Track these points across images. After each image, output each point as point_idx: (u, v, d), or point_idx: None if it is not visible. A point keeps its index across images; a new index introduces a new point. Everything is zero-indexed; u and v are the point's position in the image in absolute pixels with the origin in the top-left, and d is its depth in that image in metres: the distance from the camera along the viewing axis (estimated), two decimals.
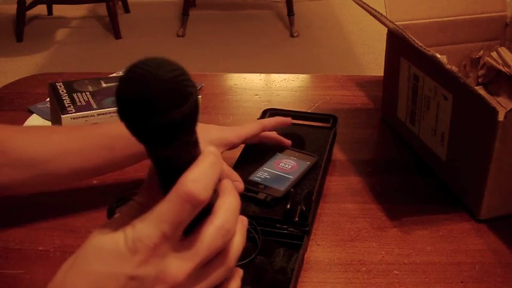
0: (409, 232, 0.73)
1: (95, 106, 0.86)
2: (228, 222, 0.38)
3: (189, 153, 0.37)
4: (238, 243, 0.40)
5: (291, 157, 0.80)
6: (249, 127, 0.80)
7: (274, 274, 0.63)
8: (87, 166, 0.70)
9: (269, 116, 0.91)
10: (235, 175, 0.73)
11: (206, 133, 0.76)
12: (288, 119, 0.85)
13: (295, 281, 0.63)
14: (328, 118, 0.89)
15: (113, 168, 0.73)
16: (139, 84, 0.34)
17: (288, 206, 0.69)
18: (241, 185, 0.72)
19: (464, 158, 0.77)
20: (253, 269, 0.64)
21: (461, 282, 0.65)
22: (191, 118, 0.35)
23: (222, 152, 0.77)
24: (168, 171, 0.37)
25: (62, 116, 0.84)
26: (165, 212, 0.35)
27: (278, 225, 0.68)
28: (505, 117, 0.67)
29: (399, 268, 0.67)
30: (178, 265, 0.36)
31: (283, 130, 0.86)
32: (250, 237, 0.67)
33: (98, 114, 0.85)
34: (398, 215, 0.76)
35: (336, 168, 0.86)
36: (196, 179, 0.35)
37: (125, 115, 0.34)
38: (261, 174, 0.77)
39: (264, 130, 0.81)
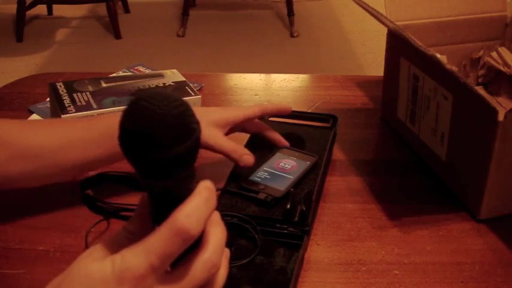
0: (409, 232, 0.73)
1: (94, 106, 0.86)
2: (214, 256, 0.38)
3: (186, 186, 0.37)
4: (222, 276, 0.40)
5: (291, 157, 0.80)
6: (249, 108, 0.81)
7: (274, 274, 0.63)
8: (90, 156, 0.70)
9: (269, 117, 0.91)
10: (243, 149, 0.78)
11: (209, 114, 0.77)
12: (289, 108, 0.85)
13: (295, 281, 0.63)
14: (328, 118, 0.89)
15: (117, 158, 0.71)
16: (145, 119, 0.34)
17: (288, 206, 0.69)
18: (251, 159, 0.77)
19: (464, 158, 0.77)
20: (253, 269, 0.64)
21: (461, 282, 0.65)
22: (193, 153, 0.36)
23: (226, 133, 0.78)
24: (162, 203, 0.37)
25: (62, 116, 0.84)
26: (155, 243, 0.35)
27: (278, 225, 0.68)
28: (505, 117, 0.67)
29: (399, 268, 0.67)
30: None
31: (283, 130, 0.86)
32: (250, 237, 0.67)
33: (98, 114, 0.85)
34: (398, 215, 0.76)
35: (336, 168, 0.86)
36: (190, 213, 0.36)
37: (128, 147, 0.35)
38: (261, 174, 0.76)
39: (264, 114, 0.82)
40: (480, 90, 1.03)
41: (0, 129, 0.67)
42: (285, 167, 0.78)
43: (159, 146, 0.34)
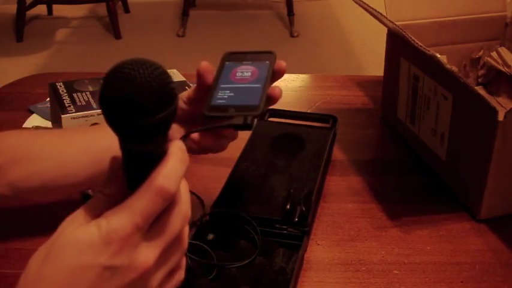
0: (409, 232, 0.73)
1: (94, 106, 0.86)
2: (187, 207, 0.41)
3: (162, 147, 0.39)
4: (187, 227, 0.43)
5: (244, 62, 0.65)
6: None
7: (274, 274, 0.63)
8: (90, 172, 0.67)
9: (269, 117, 0.91)
10: None
11: None
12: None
13: (294, 281, 0.63)
14: (328, 118, 0.89)
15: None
16: (130, 86, 0.34)
17: (288, 206, 0.69)
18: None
19: (464, 158, 0.77)
20: (252, 269, 0.64)
21: (461, 282, 0.65)
22: (174, 116, 0.37)
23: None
24: (138, 165, 0.38)
25: (62, 115, 0.84)
26: (138, 204, 0.37)
27: (277, 226, 0.68)
28: (505, 117, 0.67)
29: (399, 268, 0.67)
30: (147, 253, 0.38)
31: (282, 130, 0.86)
32: (249, 238, 0.67)
33: (98, 114, 0.85)
34: (398, 215, 0.76)
35: (336, 168, 0.86)
36: (168, 174, 0.38)
37: (113, 115, 0.35)
38: (223, 94, 0.61)
39: None
40: (480, 90, 1.02)
41: (4, 139, 0.67)
42: (244, 76, 0.63)
43: (146, 112, 0.35)
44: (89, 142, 0.68)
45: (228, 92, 0.61)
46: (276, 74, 0.65)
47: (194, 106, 0.66)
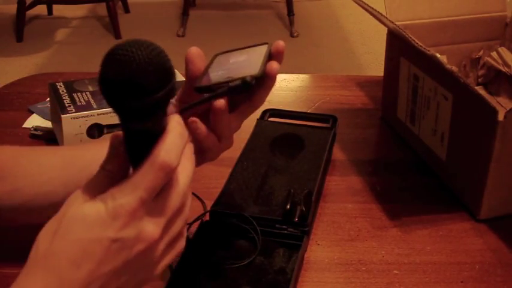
0: (409, 232, 0.73)
1: (95, 106, 0.86)
2: (188, 187, 0.43)
3: (161, 124, 0.40)
4: (190, 198, 0.45)
5: (240, 51, 0.59)
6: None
7: (274, 274, 0.63)
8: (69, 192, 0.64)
9: (269, 117, 0.91)
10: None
11: None
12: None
13: (294, 281, 0.63)
14: (327, 118, 0.89)
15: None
16: (130, 68, 0.35)
17: (288, 206, 0.69)
18: None
19: (464, 158, 0.77)
20: (252, 269, 0.64)
21: (461, 282, 0.65)
22: (172, 93, 0.38)
23: None
24: (139, 141, 0.40)
25: (62, 115, 0.84)
26: (142, 179, 0.39)
27: (277, 226, 0.68)
28: (505, 117, 0.67)
29: (399, 268, 0.67)
30: (154, 225, 0.40)
31: (282, 130, 0.86)
32: (249, 238, 0.67)
33: (98, 114, 0.85)
34: (398, 215, 0.76)
35: (336, 168, 0.86)
36: (169, 149, 0.40)
37: (113, 97, 0.37)
38: (216, 73, 0.54)
39: None
40: (480, 90, 1.02)
41: None
42: (238, 60, 0.57)
43: (146, 92, 0.36)
44: (69, 159, 0.64)
45: (224, 69, 0.54)
46: (275, 57, 0.57)
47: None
